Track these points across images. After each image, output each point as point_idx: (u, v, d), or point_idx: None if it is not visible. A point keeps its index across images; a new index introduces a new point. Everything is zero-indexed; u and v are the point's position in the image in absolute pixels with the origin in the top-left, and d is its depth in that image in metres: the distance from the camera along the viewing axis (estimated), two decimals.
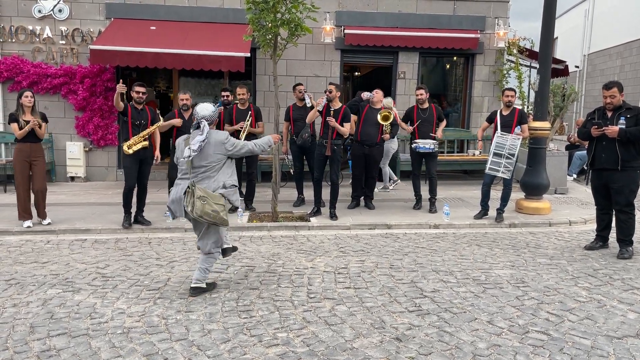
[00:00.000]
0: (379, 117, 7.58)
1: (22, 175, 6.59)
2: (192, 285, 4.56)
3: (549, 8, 7.62)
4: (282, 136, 8.13)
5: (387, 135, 7.88)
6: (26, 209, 6.70)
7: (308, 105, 7.67)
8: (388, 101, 8.48)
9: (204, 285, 4.57)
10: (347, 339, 3.70)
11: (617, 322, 4.01)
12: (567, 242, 6.41)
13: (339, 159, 7.45)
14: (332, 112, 7.10)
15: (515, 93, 7.56)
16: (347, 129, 7.23)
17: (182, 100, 7.36)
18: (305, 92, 8.00)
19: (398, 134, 9.11)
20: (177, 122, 7.27)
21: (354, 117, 7.68)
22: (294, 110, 8.12)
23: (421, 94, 7.81)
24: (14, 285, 4.74)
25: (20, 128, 6.44)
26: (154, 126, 6.89)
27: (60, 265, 5.37)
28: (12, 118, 6.50)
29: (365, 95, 7.49)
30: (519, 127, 7.19)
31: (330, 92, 7.10)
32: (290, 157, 8.45)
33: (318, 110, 7.15)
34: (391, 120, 7.64)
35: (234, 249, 5.02)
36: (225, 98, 8.10)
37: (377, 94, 7.75)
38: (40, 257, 5.64)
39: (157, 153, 7.07)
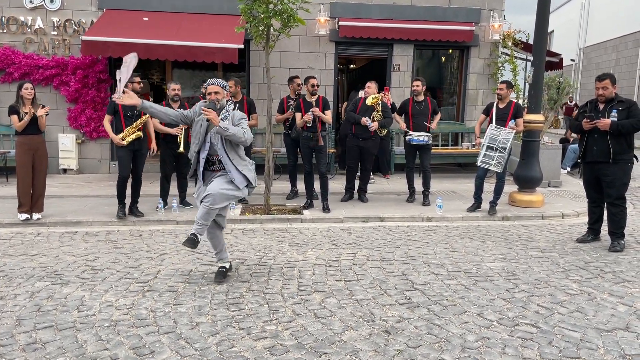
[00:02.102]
0: (368, 101, 7.51)
1: (24, 169, 6.51)
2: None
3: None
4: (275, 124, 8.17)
5: (375, 124, 7.54)
6: (26, 202, 6.64)
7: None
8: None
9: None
10: (336, 332, 3.68)
11: (607, 315, 4.01)
12: (559, 235, 6.41)
13: (325, 151, 7.48)
14: (313, 103, 7.29)
15: (512, 86, 7.49)
16: (329, 116, 7.51)
17: (174, 90, 7.12)
18: (301, 90, 8.02)
19: (391, 128, 9.05)
20: (174, 131, 7.02)
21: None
22: (289, 103, 8.06)
23: (417, 86, 7.76)
24: (2, 278, 4.70)
25: (21, 120, 6.39)
26: (146, 116, 6.80)
27: (49, 257, 5.33)
28: (12, 110, 6.41)
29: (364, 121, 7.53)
30: (513, 120, 7.16)
31: (318, 87, 7.46)
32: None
33: (305, 122, 7.29)
34: (379, 100, 7.56)
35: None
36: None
37: (370, 88, 7.71)
38: (30, 250, 5.60)
39: (153, 145, 7.09)
